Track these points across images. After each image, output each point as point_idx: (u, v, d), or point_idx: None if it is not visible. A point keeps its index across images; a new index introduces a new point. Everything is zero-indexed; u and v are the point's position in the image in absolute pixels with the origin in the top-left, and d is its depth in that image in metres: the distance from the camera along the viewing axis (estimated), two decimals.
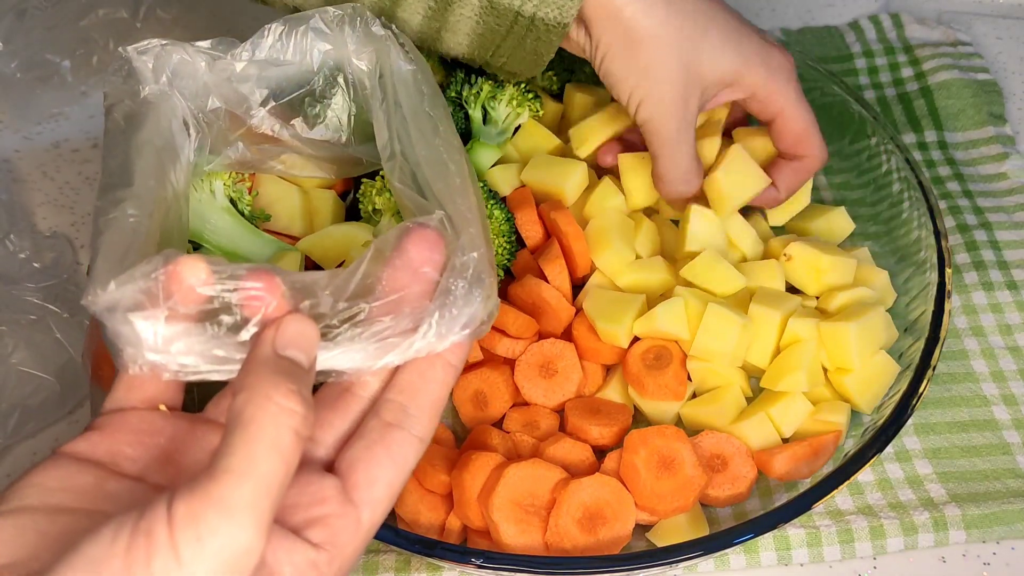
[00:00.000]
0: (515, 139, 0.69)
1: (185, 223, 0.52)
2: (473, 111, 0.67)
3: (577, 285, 0.64)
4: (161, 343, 0.36)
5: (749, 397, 0.61)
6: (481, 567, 0.50)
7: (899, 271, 0.65)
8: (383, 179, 0.63)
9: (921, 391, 0.56)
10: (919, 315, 0.61)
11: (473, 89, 0.66)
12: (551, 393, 0.61)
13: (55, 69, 0.81)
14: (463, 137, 0.67)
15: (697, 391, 0.61)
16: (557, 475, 0.55)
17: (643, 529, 0.56)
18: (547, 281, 0.62)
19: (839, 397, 0.60)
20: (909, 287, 0.63)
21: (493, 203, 0.62)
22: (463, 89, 0.67)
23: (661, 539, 0.55)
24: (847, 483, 0.53)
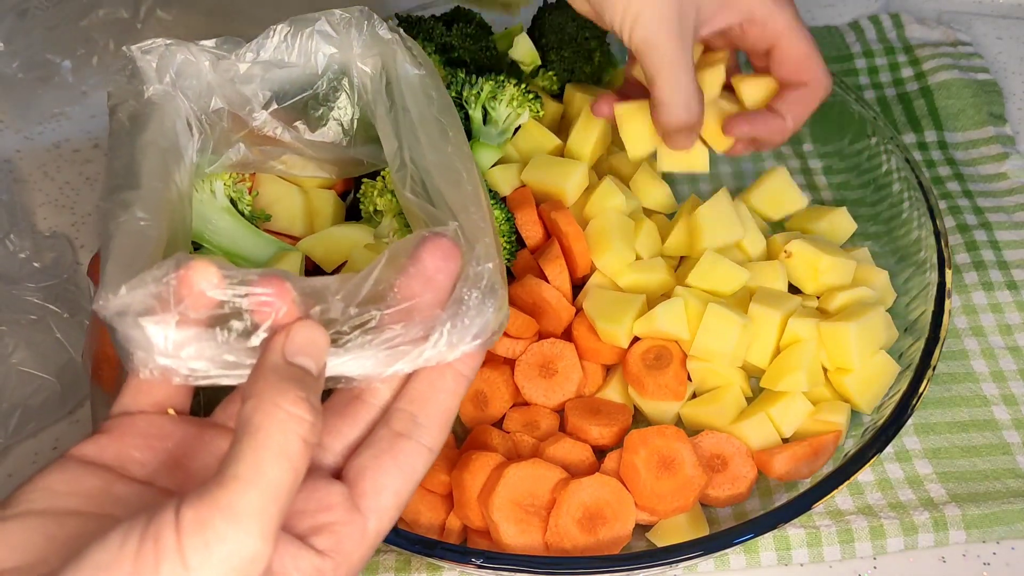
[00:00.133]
0: (515, 139, 0.69)
1: (188, 225, 0.52)
2: (473, 111, 0.67)
3: (577, 285, 0.64)
4: (172, 348, 0.36)
5: (749, 397, 0.61)
6: (481, 567, 0.50)
7: (899, 271, 0.65)
8: (384, 180, 0.63)
9: (921, 391, 0.56)
10: (919, 315, 0.61)
11: (474, 89, 0.66)
12: (551, 393, 0.61)
13: (56, 69, 0.81)
14: None
15: (697, 391, 0.61)
16: (557, 475, 0.55)
17: (643, 529, 0.56)
18: (547, 281, 0.62)
19: (839, 397, 0.60)
20: (909, 287, 0.63)
21: (493, 203, 0.62)
22: (463, 89, 0.67)
23: (661, 539, 0.55)
24: (847, 483, 0.53)
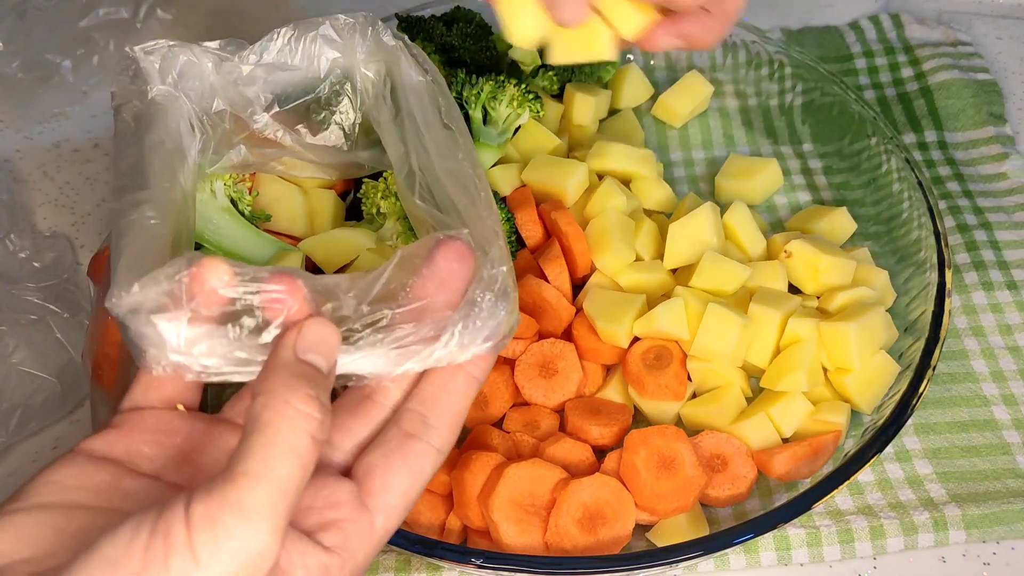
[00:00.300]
0: (515, 139, 0.69)
1: (192, 224, 0.52)
2: (473, 111, 0.67)
3: (577, 285, 0.64)
4: (184, 344, 0.37)
5: (749, 397, 0.61)
6: (481, 567, 0.50)
7: (899, 271, 0.65)
8: (386, 181, 0.63)
9: (921, 391, 0.56)
10: (919, 315, 0.61)
11: (474, 89, 0.66)
12: (551, 393, 0.61)
13: (56, 69, 0.81)
14: None
15: (697, 391, 0.61)
16: (557, 475, 0.55)
17: (643, 529, 0.56)
18: (547, 281, 0.62)
19: (839, 397, 0.60)
20: (909, 287, 0.63)
21: None
22: (464, 89, 0.67)
23: (661, 539, 0.55)
24: (847, 483, 0.53)
